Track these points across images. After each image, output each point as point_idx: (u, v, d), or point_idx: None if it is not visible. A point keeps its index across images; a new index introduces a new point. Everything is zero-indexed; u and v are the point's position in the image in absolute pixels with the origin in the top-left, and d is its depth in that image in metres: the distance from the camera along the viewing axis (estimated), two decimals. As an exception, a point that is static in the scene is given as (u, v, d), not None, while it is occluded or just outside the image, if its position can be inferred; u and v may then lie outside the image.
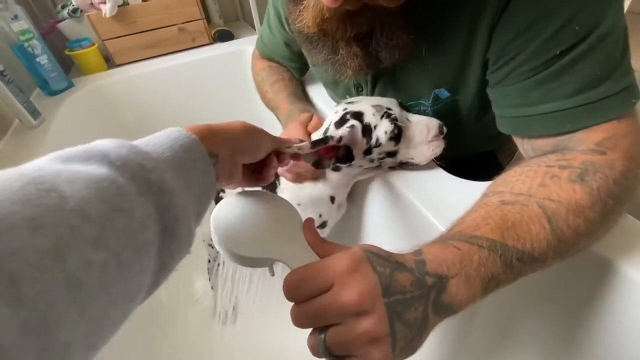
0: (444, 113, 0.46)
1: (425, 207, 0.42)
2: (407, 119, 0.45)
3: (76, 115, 0.82)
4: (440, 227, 0.39)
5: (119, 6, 0.91)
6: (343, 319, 0.23)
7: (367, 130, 0.43)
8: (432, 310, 0.25)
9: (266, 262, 0.29)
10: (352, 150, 0.44)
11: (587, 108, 0.31)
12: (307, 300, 0.24)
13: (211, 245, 0.72)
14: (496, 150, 0.62)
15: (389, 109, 0.44)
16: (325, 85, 0.63)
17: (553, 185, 0.30)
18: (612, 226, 0.31)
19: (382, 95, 0.49)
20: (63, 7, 0.95)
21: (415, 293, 0.24)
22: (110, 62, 1.00)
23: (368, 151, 0.44)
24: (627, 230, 0.33)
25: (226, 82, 0.99)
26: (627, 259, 0.31)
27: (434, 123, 0.45)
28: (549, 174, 0.31)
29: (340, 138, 0.42)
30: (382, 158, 0.45)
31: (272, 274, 0.32)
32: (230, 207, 0.30)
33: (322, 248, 0.29)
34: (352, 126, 0.42)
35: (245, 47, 0.98)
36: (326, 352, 0.24)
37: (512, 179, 0.32)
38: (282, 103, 0.59)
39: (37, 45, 0.78)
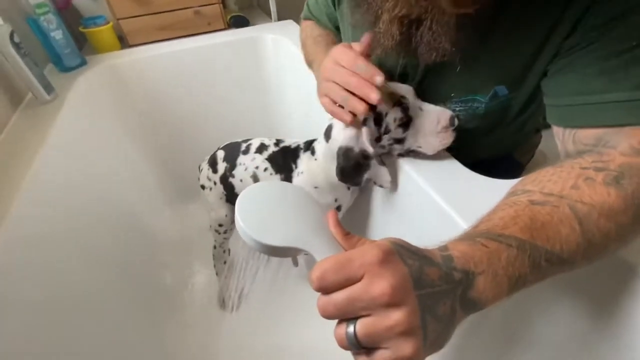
0: (494, 111, 0.46)
1: (443, 201, 0.41)
2: (420, 108, 0.45)
3: (89, 92, 0.81)
4: (460, 221, 0.38)
5: (136, -15, 0.90)
6: (374, 311, 0.23)
7: (378, 118, 0.44)
8: (459, 305, 0.25)
9: (291, 252, 0.28)
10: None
11: None
12: (335, 290, 0.24)
13: (217, 231, 0.72)
14: (512, 153, 0.62)
15: (403, 97, 0.44)
16: None
17: (587, 187, 0.29)
18: None
19: (430, 88, 0.48)
20: (79, -17, 0.94)
21: (443, 287, 0.24)
22: (123, 42, 0.99)
23: (378, 139, 0.45)
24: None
25: (240, 69, 0.98)
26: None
27: (446, 114, 0.45)
28: (582, 176, 0.30)
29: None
30: (391, 144, 0.46)
31: (296, 264, 0.32)
32: (255, 197, 0.30)
33: (347, 240, 0.29)
34: (365, 119, 0.43)
35: (260, 34, 0.97)
36: (356, 343, 0.23)
37: (543, 179, 0.32)
38: (319, 54, 0.57)
39: (52, 20, 0.78)
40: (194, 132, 1.03)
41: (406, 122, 0.43)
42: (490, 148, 0.55)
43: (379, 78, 0.39)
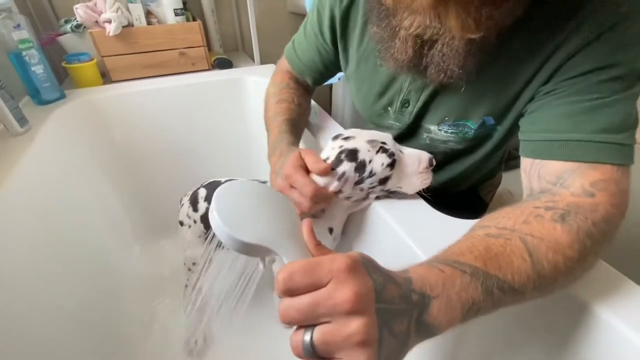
0: (481, 137, 0.51)
1: (412, 241, 0.43)
2: (400, 151, 0.48)
3: (64, 126, 0.81)
4: (422, 255, 0.40)
5: (123, 27, 0.94)
6: (334, 317, 0.23)
7: (361, 166, 0.45)
8: (415, 327, 0.25)
9: (261, 252, 0.28)
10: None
11: (605, 147, 0.35)
12: (300, 294, 0.24)
13: (191, 270, 0.70)
14: (478, 186, 0.66)
15: (384, 142, 0.47)
16: (365, 95, 0.59)
17: (536, 223, 0.32)
18: (589, 268, 0.34)
19: (429, 111, 0.52)
20: (66, 22, 0.96)
21: (402, 306, 0.25)
22: (106, 77, 1.01)
23: (359, 181, 0.46)
24: (602, 276, 0.35)
25: (221, 109, 1.01)
26: (601, 302, 0.32)
27: (425, 156, 0.48)
28: (533, 214, 0.33)
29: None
30: (373, 187, 0.47)
31: (263, 266, 0.32)
32: (234, 191, 0.30)
33: (318, 250, 0.30)
34: (343, 173, 0.45)
35: (243, 76, 1.02)
36: (310, 351, 0.23)
37: (499, 216, 0.35)
38: (275, 128, 0.59)
39: (34, 55, 0.78)
40: (170, 169, 1.02)
41: (391, 164, 0.46)
42: (469, 169, 0.59)
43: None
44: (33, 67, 0.79)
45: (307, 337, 0.23)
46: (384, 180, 0.47)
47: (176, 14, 1.00)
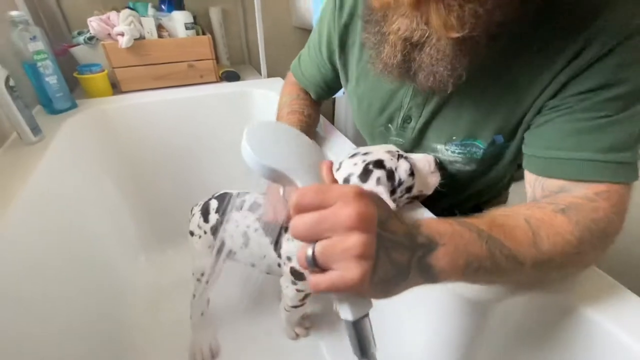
0: (490, 157, 0.49)
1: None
2: (410, 157, 0.50)
3: (76, 135, 0.82)
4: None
5: (135, 39, 0.96)
6: (336, 232, 0.24)
7: (390, 175, 0.47)
8: (417, 265, 0.27)
9: (281, 179, 0.30)
10: None
11: (609, 165, 0.36)
12: (309, 212, 0.26)
13: (199, 280, 0.71)
14: (483, 204, 0.68)
15: (398, 151, 0.49)
16: (365, 111, 0.59)
17: (537, 210, 0.35)
18: (587, 263, 0.36)
19: (434, 129, 0.50)
20: (79, 34, 0.98)
21: (404, 242, 0.27)
22: (116, 88, 1.03)
23: (392, 192, 0.47)
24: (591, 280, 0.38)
25: (228, 120, 1.03)
26: (590, 305, 0.35)
27: (430, 158, 0.51)
28: (535, 205, 0.36)
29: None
30: (402, 195, 0.48)
31: (283, 192, 0.35)
32: (264, 127, 0.33)
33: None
34: (378, 178, 0.46)
35: (249, 89, 1.04)
36: (312, 261, 0.25)
37: (502, 207, 0.37)
38: None
39: (49, 66, 0.80)
40: (177, 179, 1.03)
41: (412, 170, 0.47)
42: (476, 191, 0.59)
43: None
44: (47, 78, 0.81)
45: (310, 250, 0.25)
46: (410, 188, 0.48)
47: (187, 28, 1.02)
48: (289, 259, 0.61)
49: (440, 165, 0.52)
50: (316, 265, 0.25)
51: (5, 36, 0.78)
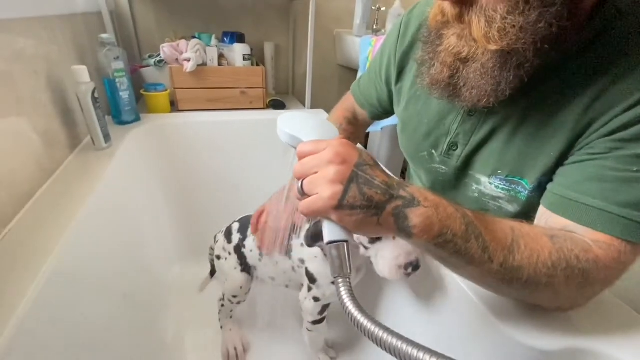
0: (535, 203, 0.44)
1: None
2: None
3: (138, 146, 0.89)
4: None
5: (198, 65, 1.06)
6: (319, 167, 0.31)
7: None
8: (392, 210, 0.31)
9: (296, 141, 0.37)
10: None
11: (622, 221, 0.34)
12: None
13: (231, 301, 0.74)
14: None
15: None
16: (410, 135, 0.58)
17: (527, 226, 0.36)
18: (552, 296, 0.36)
19: (479, 160, 0.48)
20: (150, 57, 1.10)
21: (380, 186, 0.31)
22: (174, 106, 1.12)
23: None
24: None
25: (273, 146, 1.09)
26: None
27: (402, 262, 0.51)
28: (527, 223, 0.37)
29: None
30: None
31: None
32: (294, 113, 0.41)
33: None
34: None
35: (295, 117, 1.10)
36: (300, 189, 0.32)
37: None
38: None
39: (125, 83, 0.90)
40: (219, 196, 1.09)
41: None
42: None
43: None
44: (121, 93, 0.90)
45: (300, 182, 0.33)
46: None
47: (244, 59, 1.12)
48: (302, 261, 0.64)
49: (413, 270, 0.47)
50: (304, 193, 0.32)
51: (92, 54, 0.89)
